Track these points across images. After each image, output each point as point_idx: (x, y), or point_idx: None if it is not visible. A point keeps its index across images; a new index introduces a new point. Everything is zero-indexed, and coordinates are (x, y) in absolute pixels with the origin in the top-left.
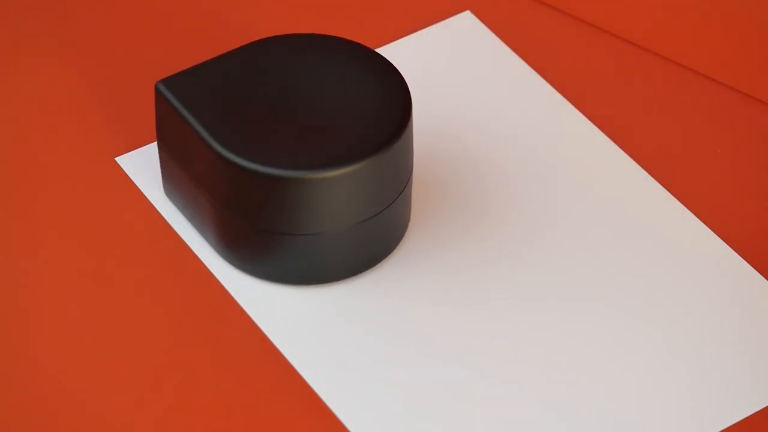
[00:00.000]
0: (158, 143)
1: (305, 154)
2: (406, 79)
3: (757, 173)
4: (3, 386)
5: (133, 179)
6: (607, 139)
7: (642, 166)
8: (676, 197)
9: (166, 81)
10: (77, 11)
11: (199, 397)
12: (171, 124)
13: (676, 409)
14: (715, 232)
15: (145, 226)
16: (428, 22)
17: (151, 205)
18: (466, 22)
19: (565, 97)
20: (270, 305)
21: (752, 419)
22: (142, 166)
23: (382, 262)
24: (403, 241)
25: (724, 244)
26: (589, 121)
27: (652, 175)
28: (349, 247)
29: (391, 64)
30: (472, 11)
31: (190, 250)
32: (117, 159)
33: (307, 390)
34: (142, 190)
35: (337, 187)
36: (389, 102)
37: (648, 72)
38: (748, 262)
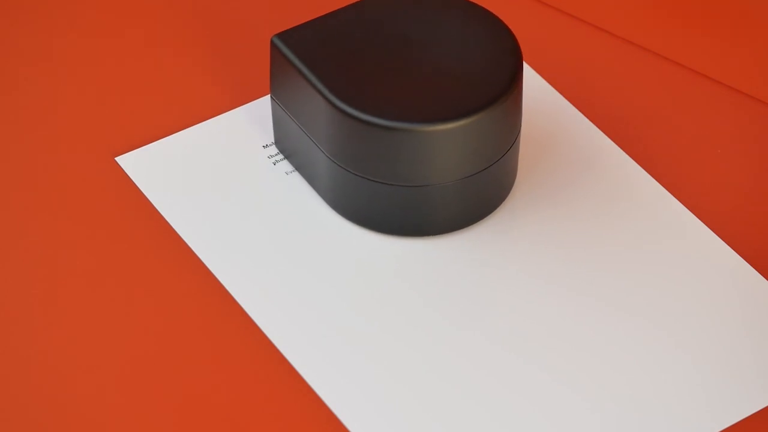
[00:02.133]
0: (272, 97)
1: (418, 107)
2: None
3: (757, 173)
4: (1, 385)
5: (133, 179)
6: (608, 139)
7: (642, 166)
8: (676, 197)
9: (281, 35)
10: (74, 12)
11: (199, 396)
12: (285, 76)
13: (676, 408)
14: (715, 232)
15: (145, 226)
16: None
17: (151, 205)
18: None
19: (565, 97)
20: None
21: (752, 419)
22: (142, 166)
23: (485, 219)
24: (508, 198)
25: (725, 244)
26: (589, 121)
27: (652, 175)
28: (454, 202)
29: (502, 21)
30: None
31: (191, 250)
32: (117, 159)
33: (307, 390)
34: (142, 190)
35: (447, 140)
36: (500, 58)
37: (648, 72)
38: (748, 262)
